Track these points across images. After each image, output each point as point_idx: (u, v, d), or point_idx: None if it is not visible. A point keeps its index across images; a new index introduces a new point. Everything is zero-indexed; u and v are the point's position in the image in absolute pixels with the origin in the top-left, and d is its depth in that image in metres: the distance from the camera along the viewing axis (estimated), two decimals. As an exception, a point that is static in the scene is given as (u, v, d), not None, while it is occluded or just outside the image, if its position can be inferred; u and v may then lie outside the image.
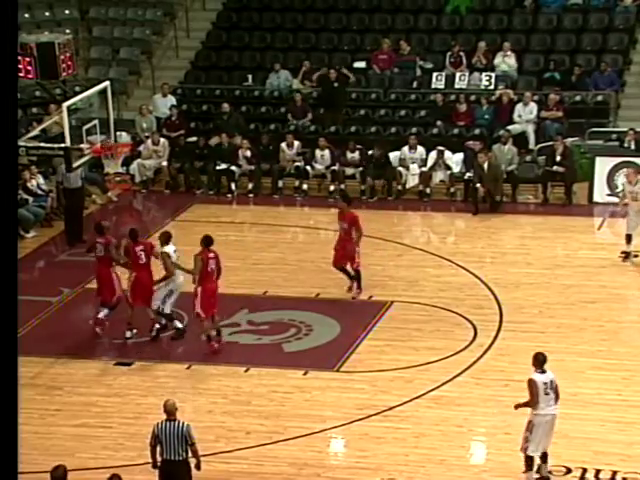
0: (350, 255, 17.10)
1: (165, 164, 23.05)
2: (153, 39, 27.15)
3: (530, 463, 12.08)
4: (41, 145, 18.18)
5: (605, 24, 25.17)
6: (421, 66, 24.83)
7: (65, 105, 17.62)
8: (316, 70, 24.81)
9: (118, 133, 21.44)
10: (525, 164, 22.37)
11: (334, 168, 22.41)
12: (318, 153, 22.55)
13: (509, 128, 22.61)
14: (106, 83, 18.75)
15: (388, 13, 26.22)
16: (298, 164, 22.63)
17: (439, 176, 22.19)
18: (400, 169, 22.16)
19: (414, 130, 23.15)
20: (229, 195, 22.57)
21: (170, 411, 11.35)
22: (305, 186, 22.53)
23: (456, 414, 13.80)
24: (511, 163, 21.84)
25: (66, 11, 27.38)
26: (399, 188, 22.26)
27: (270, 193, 22.52)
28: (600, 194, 21.45)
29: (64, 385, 14.77)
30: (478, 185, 21.05)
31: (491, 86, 23.96)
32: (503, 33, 25.18)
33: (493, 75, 24.05)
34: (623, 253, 18.48)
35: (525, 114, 22.95)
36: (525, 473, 12.11)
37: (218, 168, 22.74)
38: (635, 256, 18.37)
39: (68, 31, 23.61)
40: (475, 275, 18.16)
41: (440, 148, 22.18)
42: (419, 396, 14.25)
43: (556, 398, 12.00)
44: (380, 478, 12.36)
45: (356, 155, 22.39)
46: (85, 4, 27.65)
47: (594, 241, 19.95)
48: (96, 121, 18.35)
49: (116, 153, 21.00)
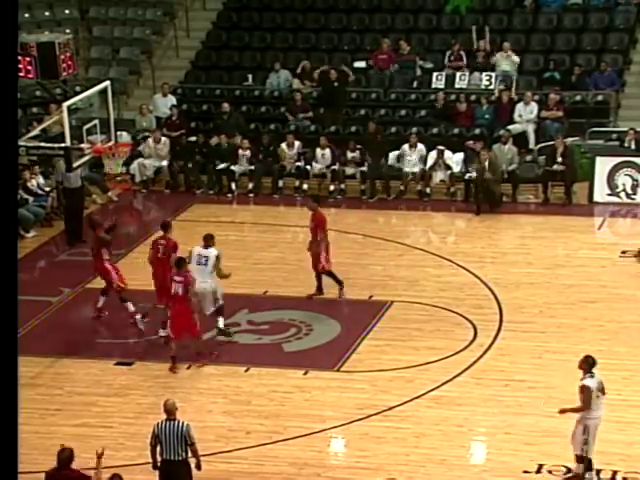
0: (316, 257, 16.88)
1: (165, 164, 23.05)
2: (153, 39, 27.15)
3: (589, 465, 11.96)
4: (41, 145, 18.18)
5: (605, 24, 25.16)
6: (421, 66, 24.83)
7: (65, 105, 17.61)
8: (316, 69, 24.81)
9: (118, 133, 21.48)
10: (525, 164, 22.36)
11: (334, 167, 22.41)
12: (319, 152, 22.54)
13: (509, 128, 22.60)
14: (106, 83, 18.73)
15: (388, 13, 26.21)
16: (298, 164, 22.63)
17: (439, 176, 22.18)
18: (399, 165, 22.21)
19: (414, 130, 23.15)
20: (229, 195, 22.57)
21: (170, 410, 11.34)
22: (305, 186, 22.52)
23: (456, 414, 13.79)
24: (511, 163, 21.82)
25: (66, 11, 27.37)
26: (401, 188, 22.26)
27: (270, 193, 22.51)
28: (600, 194, 21.44)
29: (64, 385, 14.77)
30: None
31: (491, 86, 23.96)
32: (503, 33, 25.17)
33: (493, 75, 24.04)
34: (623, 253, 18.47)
35: (525, 114, 22.95)
36: (584, 474, 11.98)
37: (218, 167, 22.74)
38: None
39: (68, 31, 23.61)
40: (475, 275, 18.15)
41: (440, 148, 22.16)
42: (419, 396, 14.25)
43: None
44: (384, 478, 12.33)
45: (356, 155, 22.39)
46: (85, 4, 27.64)
47: (594, 241, 19.94)
48: (96, 121, 18.34)
49: (116, 153, 21.03)
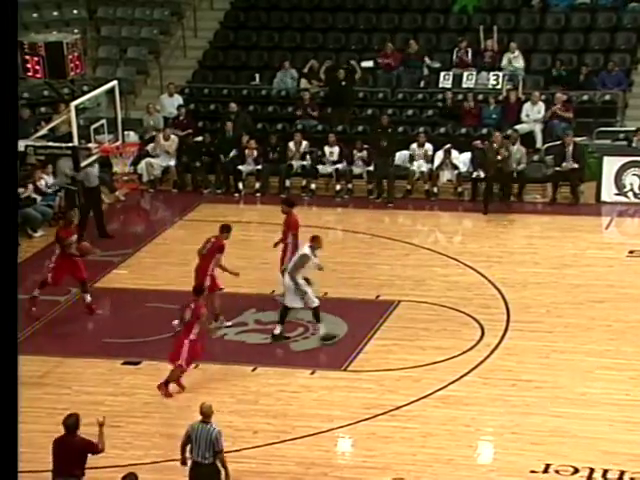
0: (281, 258, 16.83)
1: (173, 163, 23.06)
2: (161, 39, 27.17)
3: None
4: (49, 144, 18.23)
5: (613, 23, 25.12)
6: (428, 66, 24.81)
7: (73, 104, 17.66)
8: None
9: (126, 132, 21.49)
10: (533, 163, 22.34)
11: (339, 167, 22.38)
12: (327, 150, 22.55)
13: (517, 128, 22.58)
14: (114, 82, 18.78)
15: (395, 12, 26.19)
16: (304, 164, 22.62)
17: (446, 175, 22.17)
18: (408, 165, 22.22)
19: (421, 129, 23.14)
20: (236, 195, 22.57)
21: (205, 413, 11.39)
22: (313, 185, 22.52)
23: (463, 413, 13.78)
24: (520, 163, 21.80)
25: (74, 11, 27.41)
26: (407, 187, 22.25)
27: (277, 192, 22.51)
28: (608, 193, 21.42)
29: (72, 384, 14.77)
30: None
31: (499, 85, 23.94)
32: (510, 32, 25.15)
33: (501, 74, 24.02)
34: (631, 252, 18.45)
35: (533, 113, 22.91)
36: None
37: (230, 155, 22.61)
38: None
39: (76, 31, 23.65)
40: (482, 275, 18.14)
41: (447, 147, 22.16)
42: (426, 395, 14.24)
43: None
44: (391, 478, 12.31)
45: (364, 154, 22.38)
46: (93, 4, 27.67)
47: (602, 240, 19.91)
48: (104, 120, 18.38)
49: (124, 153, 21.04)
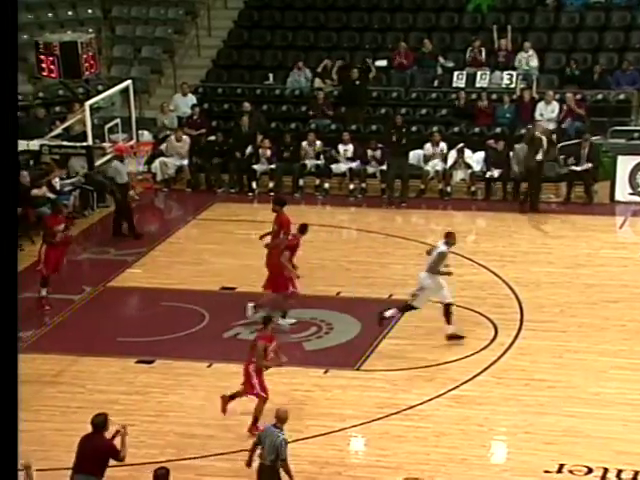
0: (273, 255, 16.76)
1: (186, 162, 23.10)
2: (175, 38, 27.23)
3: None
4: (63, 144, 18.30)
5: (627, 22, 25.03)
6: (442, 65, 24.80)
7: (87, 104, 17.72)
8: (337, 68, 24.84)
9: (140, 132, 21.53)
10: (547, 163, 22.28)
11: (352, 166, 22.39)
12: (341, 148, 22.55)
13: (531, 127, 22.54)
14: (128, 82, 18.84)
15: (409, 12, 26.18)
16: (318, 163, 22.63)
17: (459, 175, 22.17)
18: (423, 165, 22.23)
19: (435, 129, 23.14)
20: (250, 194, 22.59)
21: (280, 417, 11.54)
22: (327, 185, 22.53)
23: (477, 413, 13.78)
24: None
25: (89, 10, 27.49)
26: (421, 187, 22.26)
27: (291, 192, 22.52)
28: (622, 193, 21.37)
29: (86, 383, 14.83)
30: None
31: (512, 84, 23.90)
32: (524, 32, 25.10)
33: (514, 74, 23.98)
34: None
35: (547, 113, 22.87)
36: None
37: (246, 153, 22.63)
38: None
39: (91, 30, 23.70)
40: (496, 274, 18.12)
41: (460, 146, 22.16)
42: (439, 395, 14.25)
43: None
44: (404, 477, 12.32)
45: (377, 153, 22.38)
46: (108, 3, 27.74)
47: (616, 240, 19.87)
48: (118, 120, 18.42)
49: (138, 152, 21.09)
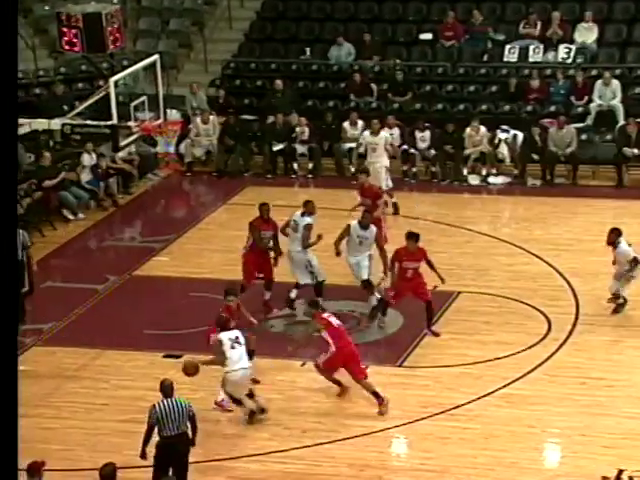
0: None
1: (215, 144, 23.12)
2: (205, 9, 27.23)
3: None
4: (87, 123, 18.38)
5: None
6: (492, 38, 24.62)
7: (112, 80, 17.79)
8: (378, 41, 24.73)
9: (168, 110, 21.59)
10: (603, 144, 22.19)
11: (404, 148, 22.34)
12: (387, 132, 22.48)
13: (591, 106, 22.49)
14: (155, 57, 18.88)
15: (457, -20, 26.01)
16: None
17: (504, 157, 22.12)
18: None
19: (484, 107, 23.03)
20: (293, 176, 22.52)
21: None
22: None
23: (528, 413, 13.73)
24: (569, 146, 21.65)
25: (113, -20, 27.58)
26: (465, 171, 22.21)
27: (334, 175, 22.43)
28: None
29: (110, 378, 14.93)
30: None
31: (569, 59, 23.69)
32: (583, 1, 24.84)
33: (573, 48, 23.75)
34: None
35: (607, 94, 22.60)
36: None
37: (275, 149, 22.78)
38: None
39: (115, 1, 23.76)
40: (549, 264, 18.03)
41: (504, 127, 22.11)
42: (488, 394, 14.20)
43: None
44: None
45: (426, 134, 22.30)
46: (133, -28, 27.81)
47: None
48: (144, 97, 18.47)
49: (165, 132, 21.15)
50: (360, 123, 22.63)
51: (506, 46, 24.20)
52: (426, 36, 25.01)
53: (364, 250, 16.38)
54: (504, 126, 22.21)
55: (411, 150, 22.27)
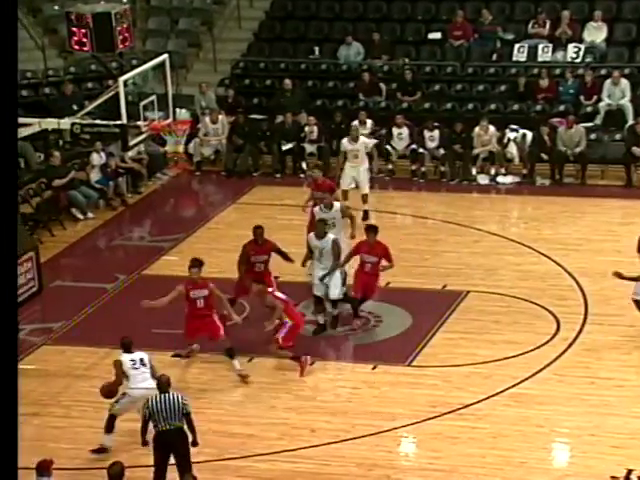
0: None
1: (224, 143, 23.13)
2: (214, 9, 27.26)
3: None
4: (96, 122, 18.39)
5: None
6: (501, 37, 24.60)
7: (121, 79, 17.80)
8: (387, 41, 24.73)
9: (177, 110, 21.60)
10: (612, 143, 22.16)
11: (413, 147, 22.32)
12: (395, 131, 22.48)
13: (601, 105, 22.44)
14: (164, 56, 18.88)
15: (466, -21, 25.99)
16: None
17: (514, 156, 22.06)
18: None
19: (493, 107, 23.01)
20: (302, 175, 22.54)
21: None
22: (390, 166, 22.37)
23: (537, 413, 13.72)
24: (578, 145, 21.61)
25: (122, -20, 27.60)
26: (473, 171, 22.18)
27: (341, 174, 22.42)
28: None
29: (119, 377, 14.91)
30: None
31: (578, 59, 23.67)
32: (591, 1, 24.80)
33: (582, 47, 23.71)
34: None
35: (617, 94, 22.57)
36: None
37: (284, 148, 22.78)
38: None
39: (125, 0, 23.78)
40: (558, 263, 18.01)
41: (512, 127, 22.07)
42: (497, 393, 14.20)
43: None
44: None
45: (435, 134, 22.28)
46: (142, -28, 27.83)
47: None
48: (154, 97, 18.47)
49: (174, 131, 21.15)
50: (369, 122, 22.62)
51: (515, 45, 24.20)
52: (435, 35, 25.01)
53: (325, 262, 15.82)
54: (513, 125, 22.25)
55: (420, 150, 22.29)
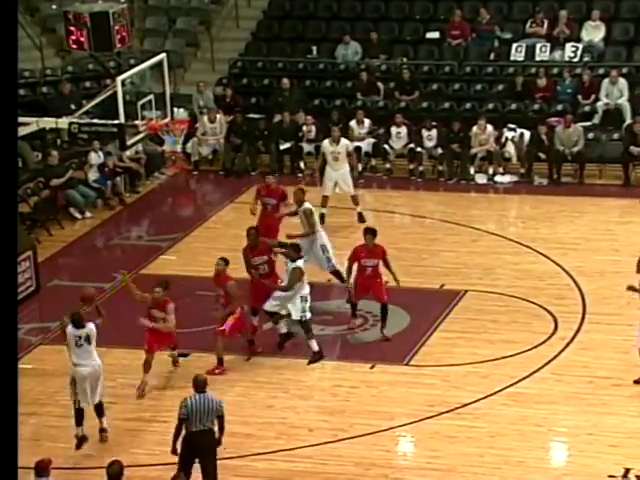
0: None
1: (222, 143, 23.11)
2: (212, 8, 27.25)
3: None
4: (94, 122, 18.38)
5: None
6: (499, 36, 24.59)
7: (119, 79, 17.79)
8: (384, 40, 24.73)
9: (175, 109, 21.60)
10: (610, 143, 22.15)
11: (411, 146, 22.32)
12: (394, 130, 22.47)
13: (598, 104, 22.44)
14: (162, 55, 18.88)
15: (464, -21, 25.97)
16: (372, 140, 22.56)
17: (512, 156, 22.06)
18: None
19: (491, 106, 23.02)
20: (300, 175, 22.52)
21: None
22: (388, 165, 22.36)
23: (535, 412, 13.72)
24: (576, 145, 21.61)
25: (120, -21, 27.58)
26: (471, 170, 22.17)
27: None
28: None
29: (117, 376, 14.91)
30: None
31: (576, 58, 23.66)
32: (589, 0, 24.78)
33: (580, 46, 23.71)
34: None
35: (615, 93, 22.57)
36: None
37: (281, 148, 22.78)
38: None
39: (122, 0, 23.79)
40: (556, 263, 18.00)
41: (510, 126, 22.07)
42: (495, 392, 14.19)
43: None
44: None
45: (433, 133, 22.28)
46: (140, -29, 27.82)
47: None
48: (151, 96, 18.46)
49: (172, 131, 21.14)
50: (367, 122, 22.66)
51: (513, 45, 24.19)
52: (433, 35, 25.00)
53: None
54: (511, 125, 22.26)
55: (418, 149, 22.28)
